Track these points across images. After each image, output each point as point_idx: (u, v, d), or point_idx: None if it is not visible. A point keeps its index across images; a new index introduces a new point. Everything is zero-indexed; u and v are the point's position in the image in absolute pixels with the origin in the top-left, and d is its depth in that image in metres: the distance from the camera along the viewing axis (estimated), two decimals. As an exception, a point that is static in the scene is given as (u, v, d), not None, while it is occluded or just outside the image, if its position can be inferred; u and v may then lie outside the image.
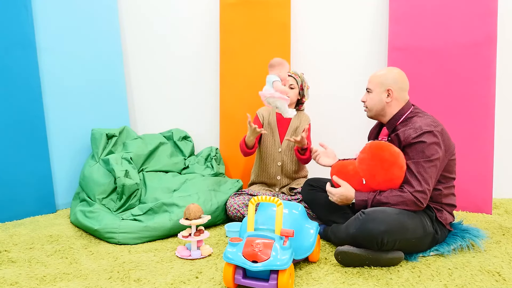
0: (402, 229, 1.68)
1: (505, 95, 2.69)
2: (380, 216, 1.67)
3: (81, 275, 1.65)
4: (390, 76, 1.90)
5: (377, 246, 1.67)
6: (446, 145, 1.80)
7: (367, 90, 1.96)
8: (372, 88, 1.93)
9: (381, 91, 1.90)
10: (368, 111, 1.97)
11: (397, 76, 1.90)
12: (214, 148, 2.89)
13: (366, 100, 1.97)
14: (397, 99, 1.89)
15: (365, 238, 1.67)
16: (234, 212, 2.28)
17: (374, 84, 1.92)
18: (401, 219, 1.69)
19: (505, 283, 1.56)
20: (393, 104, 1.90)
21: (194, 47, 3.06)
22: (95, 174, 2.44)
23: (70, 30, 2.70)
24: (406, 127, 1.82)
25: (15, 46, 2.42)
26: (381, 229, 1.64)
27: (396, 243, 1.68)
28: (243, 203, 2.30)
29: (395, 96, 1.88)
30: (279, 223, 1.53)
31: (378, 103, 1.91)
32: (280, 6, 2.81)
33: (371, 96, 1.93)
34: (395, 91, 1.88)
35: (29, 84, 2.48)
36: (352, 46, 2.88)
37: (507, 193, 2.77)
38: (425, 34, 2.57)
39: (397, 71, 1.93)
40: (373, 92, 1.92)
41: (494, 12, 2.44)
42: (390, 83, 1.89)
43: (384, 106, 1.91)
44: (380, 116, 1.95)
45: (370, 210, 1.72)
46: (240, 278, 1.50)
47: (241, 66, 2.87)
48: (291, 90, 2.40)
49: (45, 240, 2.06)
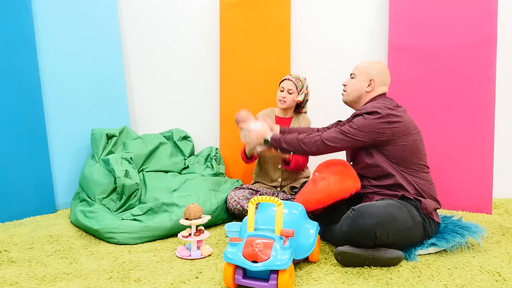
0: (393, 220, 1.70)
1: (505, 95, 2.69)
2: (369, 210, 1.70)
3: (81, 275, 1.65)
4: (376, 68, 1.99)
5: (371, 241, 1.68)
6: (388, 128, 1.84)
7: (351, 76, 2.03)
8: (357, 75, 2.00)
9: (364, 80, 1.98)
10: (346, 95, 2.05)
11: (382, 69, 1.99)
12: (214, 148, 2.89)
13: (347, 84, 2.04)
14: (375, 91, 1.98)
15: (358, 234, 1.68)
16: (234, 204, 2.28)
17: (359, 71, 2.00)
18: (390, 211, 1.72)
19: (505, 283, 1.56)
20: (370, 95, 1.98)
21: (194, 47, 3.06)
22: (95, 174, 2.44)
23: (70, 30, 2.70)
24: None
25: (15, 46, 2.42)
26: (372, 223, 1.66)
27: (389, 236, 1.69)
28: (243, 195, 2.31)
29: (375, 87, 1.97)
30: (279, 223, 1.53)
31: (358, 89, 1.99)
32: (280, 6, 2.81)
33: (353, 81, 2.01)
34: (376, 83, 1.96)
35: (29, 84, 2.48)
36: (352, 46, 2.88)
37: (507, 193, 2.77)
38: (425, 34, 2.57)
39: (382, 65, 2.01)
40: (356, 78, 2.00)
41: (494, 12, 2.44)
42: (374, 74, 1.97)
43: (362, 94, 1.99)
44: (354, 103, 2.03)
45: (359, 206, 1.75)
46: (240, 278, 1.50)
47: (241, 66, 2.87)
48: (289, 95, 2.39)
49: (45, 240, 2.06)
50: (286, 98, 2.39)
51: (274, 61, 2.82)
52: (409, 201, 1.83)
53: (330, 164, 2.03)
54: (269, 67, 2.81)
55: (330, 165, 2.02)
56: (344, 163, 2.00)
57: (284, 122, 2.47)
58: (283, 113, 2.49)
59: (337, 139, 1.88)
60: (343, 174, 1.93)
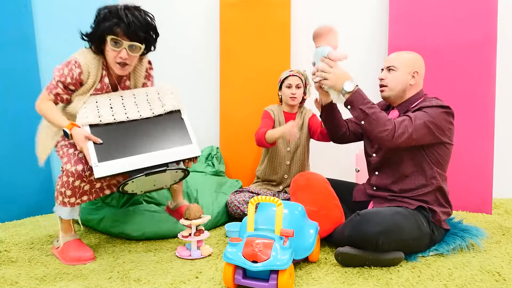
0: (398, 230, 1.67)
1: (505, 95, 2.69)
2: (374, 218, 1.67)
3: (81, 275, 1.65)
4: (418, 59, 1.88)
5: (373, 247, 1.66)
6: (451, 128, 1.80)
7: (389, 68, 1.87)
8: (398, 67, 1.85)
9: (408, 72, 1.85)
10: (388, 90, 1.88)
11: (422, 61, 1.90)
12: (215, 147, 2.89)
13: (386, 78, 1.88)
14: (417, 84, 1.88)
15: (360, 240, 1.67)
16: (234, 209, 2.29)
17: (401, 63, 1.86)
18: (396, 220, 1.68)
19: (505, 283, 1.56)
20: (414, 88, 1.88)
21: (194, 47, 3.05)
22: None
23: (70, 30, 2.69)
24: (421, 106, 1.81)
25: (15, 46, 2.42)
26: (376, 231, 1.64)
27: (392, 245, 1.67)
28: (244, 200, 2.31)
29: (418, 80, 1.87)
30: (279, 223, 1.53)
31: (402, 83, 1.85)
32: (280, 6, 2.81)
33: (395, 75, 1.86)
34: (419, 76, 1.87)
35: (29, 84, 2.47)
36: (352, 46, 2.88)
37: (507, 193, 2.77)
38: (425, 34, 2.57)
39: (421, 58, 1.91)
40: (398, 70, 1.85)
41: (494, 12, 2.44)
42: (418, 66, 1.87)
43: (406, 87, 1.86)
44: (398, 98, 1.89)
45: (365, 211, 1.72)
46: (240, 278, 1.50)
47: (241, 66, 2.87)
48: (298, 89, 2.39)
49: (45, 240, 2.06)
50: (296, 93, 2.37)
51: (274, 61, 2.82)
52: (421, 210, 1.80)
53: (308, 189, 1.92)
54: (269, 67, 2.81)
55: (308, 190, 1.92)
56: (324, 190, 1.92)
57: (291, 117, 2.47)
58: (289, 109, 2.48)
59: (422, 127, 1.72)
60: (327, 207, 1.88)
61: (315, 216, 1.82)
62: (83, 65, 1.81)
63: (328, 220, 1.86)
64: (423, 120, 1.72)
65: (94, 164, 1.64)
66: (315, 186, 1.93)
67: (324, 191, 1.92)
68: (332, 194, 1.93)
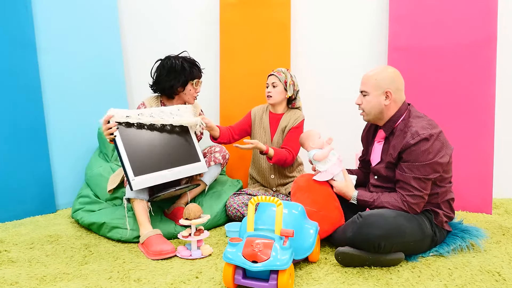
0: (400, 233, 1.67)
1: (505, 95, 2.69)
2: (377, 221, 1.67)
3: (81, 275, 1.65)
4: (386, 77, 1.79)
5: (374, 249, 1.66)
6: (445, 146, 1.76)
7: (361, 93, 1.84)
8: (368, 91, 1.81)
9: (379, 94, 1.79)
10: (366, 115, 1.87)
11: (393, 76, 1.80)
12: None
13: (361, 103, 1.85)
14: (395, 101, 1.81)
15: (361, 242, 1.67)
16: (234, 212, 2.28)
17: (370, 86, 1.80)
18: (399, 223, 1.68)
19: (505, 283, 1.56)
20: (392, 106, 1.81)
21: (194, 47, 3.04)
22: (107, 174, 2.45)
23: (70, 30, 2.70)
24: (404, 131, 1.76)
25: (15, 46, 2.42)
26: (378, 234, 1.64)
27: (393, 247, 1.67)
28: (243, 202, 2.30)
29: (393, 98, 1.80)
30: (279, 223, 1.53)
31: (376, 106, 1.81)
32: (280, 6, 2.81)
33: (368, 99, 1.82)
34: (393, 93, 1.78)
35: (29, 84, 2.47)
36: (352, 46, 2.88)
37: (507, 193, 2.77)
38: (425, 34, 2.57)
39: (392, 70, 1.82)
40: (369, 94, 1.81)
41: (494, 12, 2.44)
42: (388, 85, 1.78)
43: (382, 109, 1.81)
44: (378, 119, 1.86)
45: (367, 213, 1.72)
46: (240, 278, 1.50)
47: (241, 66, 2.87)
48: (274, 88, 2.38)
49: (45, 240, 2.06)
50: (271, 92, 2.37)
51: (274, 61, 2.81)
52: (424, 212, 1.79)
53: (309, 190, 1.93)
54: (269, 67, 2.80)
55: (310, 191, 1.92)
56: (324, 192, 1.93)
57: (276, 118, 2.46)
58: (272, 109, 2.48)
59: (427, 183, 1.73)
60: (327, 208, 1.88)
61: (314, 217, 1.82)
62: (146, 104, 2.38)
63: (328, 221, 1.86)
64: (423, 178, 1.72)
65: (131, 178, 1.88)
66: (315, 187, 1.93)
67: (324, 192, 1.92)
68: (332, 195, 1.93)
